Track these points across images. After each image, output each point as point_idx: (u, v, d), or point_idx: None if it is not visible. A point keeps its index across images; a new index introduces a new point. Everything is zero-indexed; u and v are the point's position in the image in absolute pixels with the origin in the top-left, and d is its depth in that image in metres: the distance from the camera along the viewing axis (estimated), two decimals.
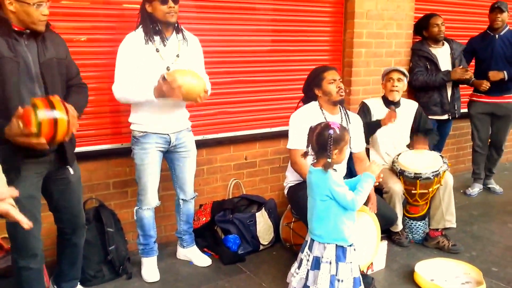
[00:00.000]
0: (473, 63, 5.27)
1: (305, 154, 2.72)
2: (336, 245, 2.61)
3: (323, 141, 2.56)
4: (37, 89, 2.45)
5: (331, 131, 2.55)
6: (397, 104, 4.09)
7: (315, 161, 2.68)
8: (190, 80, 2.99)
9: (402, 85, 4.05)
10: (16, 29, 2.37)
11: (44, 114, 2.19)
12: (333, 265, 2.60)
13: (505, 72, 4.93)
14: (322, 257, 2.62)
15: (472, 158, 5.45)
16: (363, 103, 4.16)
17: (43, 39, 2.48)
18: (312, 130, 2.65)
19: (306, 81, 3.57)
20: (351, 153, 3.58)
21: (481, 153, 5.34)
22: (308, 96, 3.56)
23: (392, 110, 3.87)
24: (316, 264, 2.64)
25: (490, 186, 5.51)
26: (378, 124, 3.92)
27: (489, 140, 5.38)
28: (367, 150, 4.01)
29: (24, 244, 2.59)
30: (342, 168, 3.46)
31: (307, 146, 2.70)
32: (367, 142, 3.93)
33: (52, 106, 2.23)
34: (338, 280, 2.59)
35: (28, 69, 2.41)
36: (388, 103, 4.07)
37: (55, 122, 2.22)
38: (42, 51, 2.46)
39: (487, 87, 4.91)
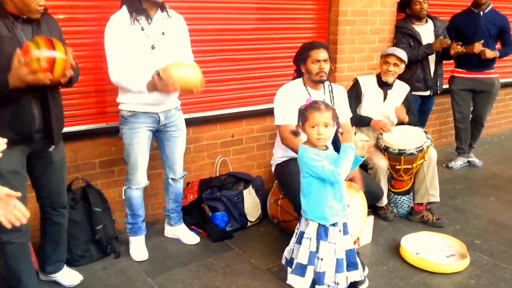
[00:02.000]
0: None
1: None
2: (319, 223, 2.65)
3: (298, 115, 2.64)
4: None
5: (301, 106, 2.62)
6: (390, 85, 4.13)
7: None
8: (185, 73, 2.95)
9: (398, 69, 4.07)
10: (12, 13, 2.43)
11: (45, 52, 2.28)
12: (313, 242, 2.64)
13: (497, 51, 5.04)
14: (305, 232, 2.67)
15: (455, 134, 5.54)
16: (356, 80, 4.18)
17: (38, 23, 2.54)
18: None
19: (296, 54, 3.54)
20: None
21: (463, 129, 5.42)
22: (298, 70, 3.56)
23: (386, 125, 3.97)
24: (300, 238, 2.70)
25: (470, 159, 5.61)
26: (368, 123, 4.04)
27: (471, 115, 5.46)
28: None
29: None
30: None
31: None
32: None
33: (53, 47, 2.32)
34: (318, 258, 2.62)
35: None
36: (382, 83, 4.12)
37: (54, 60, 2.30)
38: (37, 34, 2.49)
39: (480, 48, 4.94)
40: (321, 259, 2.61)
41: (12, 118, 2.45)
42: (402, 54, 4.08)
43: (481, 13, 5.07)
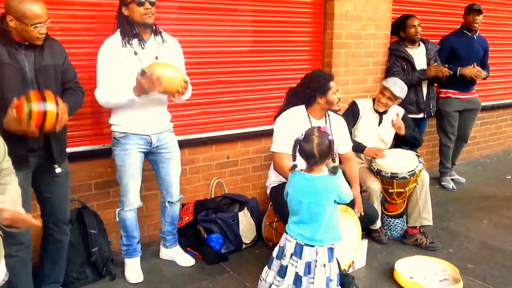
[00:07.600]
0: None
1: (294, 168, 2.74)
2: (329, 247, 2.68)
3: (325, 149, 2.63)
4: None
5: (330, 137, 2.65)
6: (384, 111, 4.18)
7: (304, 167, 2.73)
8: (169, 71, 3.00)
9: (390, 103, 4.09)
10: (16, 39, 2.56)
11: (35, 105, 2.42)
12: (327, 267, 2.66)
13: (486, 72, 5.23)
14: (316, 261, 2.64)
15: (443, 154, 5.60)
16: (354, 102, 4.22)
17: (41, 48, 2.66)
18: (308, 142, 2.64)
19: (309, 87, 3.40)
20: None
21: (451, 148, 5.56)
22: (307, 100, 3.46)
23: (381, 151, 4.03)
24: (309, 269, 2.66)
25: (454, 177, 5.75)
26: (362, 150, 4.08)
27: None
28: None
29: (10, 232, 2.61)
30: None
31: (294, 159, 2.71)
32: None
33: (43, 99, 2.45)
34: (331, 280, 2.66)
35: (24, 75, 2.60)
36: (375, 110, 4.17)
37: (44, 113, 2.44)
38: (39, 59, 2.65)
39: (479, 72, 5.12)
40: (332, 280, 2.66)
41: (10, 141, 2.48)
42: (398, 92, 4.02)
43: (475, 36, 5.21)
